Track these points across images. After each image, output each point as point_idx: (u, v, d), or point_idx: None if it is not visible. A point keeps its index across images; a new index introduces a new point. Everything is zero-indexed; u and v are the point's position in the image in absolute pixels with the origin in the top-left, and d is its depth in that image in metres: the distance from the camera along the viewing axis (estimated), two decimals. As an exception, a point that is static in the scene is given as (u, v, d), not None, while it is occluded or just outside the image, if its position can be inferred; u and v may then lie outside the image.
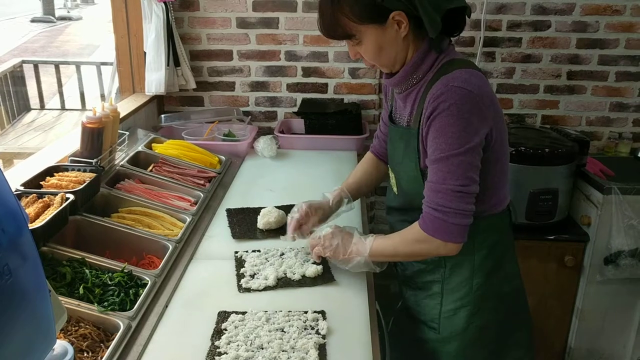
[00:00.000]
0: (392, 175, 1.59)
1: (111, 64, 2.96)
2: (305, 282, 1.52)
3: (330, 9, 1.32)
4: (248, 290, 1.48)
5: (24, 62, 7.54)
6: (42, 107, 7.66)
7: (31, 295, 0.83)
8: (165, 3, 2.59)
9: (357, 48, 1.38)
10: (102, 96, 6.23)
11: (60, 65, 7.61)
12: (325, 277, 1.54)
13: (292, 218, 1.62)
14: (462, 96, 1.26)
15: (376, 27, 1.31)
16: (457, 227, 1.31)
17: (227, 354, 1.22)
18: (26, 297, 0.82)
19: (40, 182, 1.70)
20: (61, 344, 1.04)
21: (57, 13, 18.09)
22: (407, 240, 1.40)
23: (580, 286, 2.56)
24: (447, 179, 1.29)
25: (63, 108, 7.62)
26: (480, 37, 2.76)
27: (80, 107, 7.32)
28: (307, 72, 2.89)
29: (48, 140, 5.99)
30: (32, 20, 17.35)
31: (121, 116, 2.32)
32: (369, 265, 1.46)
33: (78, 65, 7.51)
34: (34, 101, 7.65)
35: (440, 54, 1.36)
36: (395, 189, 1.58)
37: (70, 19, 18.33)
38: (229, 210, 1.97)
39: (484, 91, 1.29)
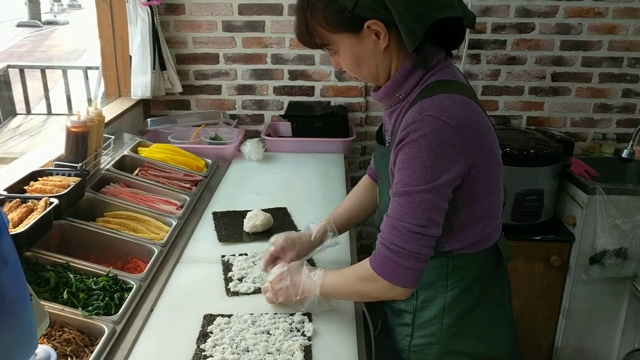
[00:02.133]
0: (378, 191, 1.51)
1: (97, 68, 2.94)
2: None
3: (304, 17, 1.22)
4: (237, 293, 1.48)
5: (9, 66, 7.47)
6: (29, 112, 7.59)
7: (12, 300, 0.83)
8: (150, 7, 2.59)
9: (336, 58, 1.29)
10: (89, 100, 6.19)
11: (47, 70, 7.55)
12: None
13: (267, 250, 1.53)
14: (435, 127, 1.12)
15: (351, 36, 1.19)
16: (409, 271, 1.17)
17: (212, 357, 1.22)
18: (6, 302, 0.81)
19: (24, 187, 1.68)
20: (44, 349, 1.04)
21: (44, 17, 17.97)
22: (354, 277, 1.28)
23: (567, 286, 2.58)
24: (406, 217, 1.16)
25: (49, 113, 7.56)
26: (465, 40, 2.77)
27: (67, 112, 7.26)
28: (293, 75, 2.89)
29: (34, 146, 5.95)
30: (19, 25, 17.22)
31: (107, 120, 2.32)
32: (324, 304, 1.35)
33: (64, 70, 7.45)
34: (20, 106, 7.58)
35: (428, 71, 1.22)
36: (379, 207, 1.48)
37: (57, 23, 18.21)
38: (215, 214, 1.96)
39: (465, 122, 1.14)
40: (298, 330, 1.32)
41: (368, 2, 1.13)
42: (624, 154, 2.54)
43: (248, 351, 1.24)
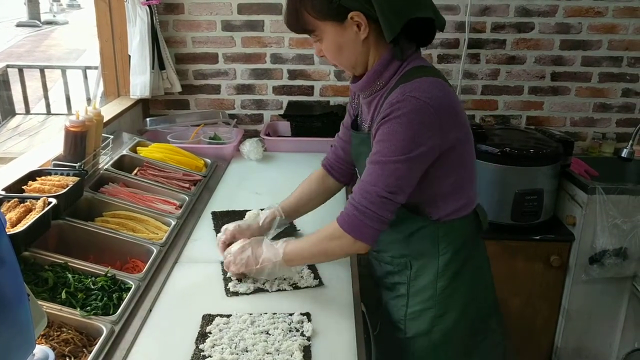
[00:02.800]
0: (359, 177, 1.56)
1: (96, 68, 2.94)
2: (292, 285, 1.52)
3: (293, 3, 1.34)
4: (236, 294, 1.48)
5: (8, 66, 7.47)
6: (28, 111, 7.60)
7: (9, 300, 0.83)
8: (149, 6, 2.58)
9: (319, 45, 1.39)
10: (89, 100, 6.19)
11: (46, 70, 7.55)
12: (312, 281, 1.54)
13: (219, 238, 1.63)
14: (417, 106, 1.26)
15: (335, 25, 1.32)
16: (372, 229, 1.32)
17: (211, 357, 1.21)
18: (4, 302, 0.81)
19: (23, 187, 1.68)
20: (42, 349, 1.03)
21: (43, 17, 17.96)
22: (320, 237, 1.42)
23: (566, 286, 2.58)
24: (379, 183, 1.29)
25: (49, 113, 7.56)
26: (464, 39, 2.77)
27: (66, 112, 7.26)
28: (292, 74, 2.89)
29: (33, 146, 5.94)
30: (18, 25, 17.21)
31: (106, 120, 2.32)
32: (285, 270, 1.48)
33: (63, 70, 7.45)
34: (19, 106, 7.58)
35: (404, 61, 1.36)
36: None
37: (56, 23, 18.20)
38: (214, 213, 1.96)
39: (441, 102, 1.28)
40: (297, 330, 1.31)
41: None
42: (624, 154, 2.54)
43: (247, 351, 1.24)
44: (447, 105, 1.30)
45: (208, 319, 1.35)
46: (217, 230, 1.83)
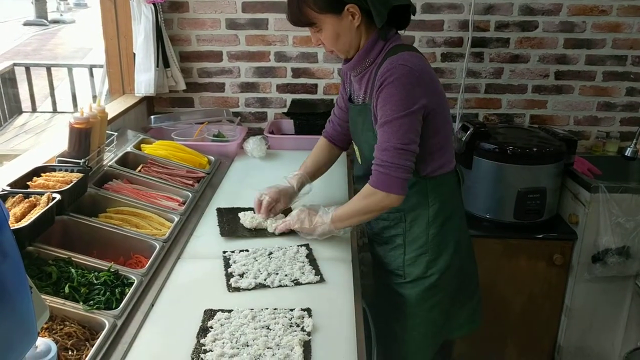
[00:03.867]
0: (356, 149, 1.85)
1: (102, 66, 2.96)
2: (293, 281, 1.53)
3: (296, 0, 1.58)
4: (237, 289, 1.49)
5: (15, 65, 7.52)
6: (34, 109, 7.64)
7: (11, 292, 0.84)
8: (154, 4, 2.60)
9: (318, 35, 1.63)
10: (95, 98, 6.22)
11: (52, 68, 7.59)
12: (314, 277, 1.55)
13: (264, 200, 1.84)
14: (405, 71, 1.52)
15: (333, 16, 1.57)
16: (398, 180, 1.55)
17: (212, 351, 1.22)
18: (6, 294, 0.82)
19: (27, 183, 1.70)
20: (44, 342, 1.04)
21: (50, 16, 18.05)
22: (357, 198, 1.65)
23: (569, 284, 2.58)
24: (391, 139, 1.53)
25: (55, 111, 7.60)
26: (468, 38, 2.77)
27: (72, 110, 7.29)
28: (296, 73, 2.90)
29: (39, 143, 5.97)
30: (25, 24, 17.29)
31: (111, 117, 2.33)
32: (332, 232, 1.72)
33: (70, 68, 7.49)
34: (25, 104, 7.62)
35: (387, 41, 1.63)
36: (359, 160, 1.85)
37: (63, 22, 18.29)
38: (219, 210, 1.97)
39: (423, 69, 1.56)
40: (298, 326, 1.32)
41: None
42: (628, 153, 2.54)
43: (247, 346, 1.25)
44: (427, 72, 1.58)
45: (210, 313, 1.37)
46: (221, 225, 1.85)
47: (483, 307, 1.94)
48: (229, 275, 1.55)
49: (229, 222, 1.88)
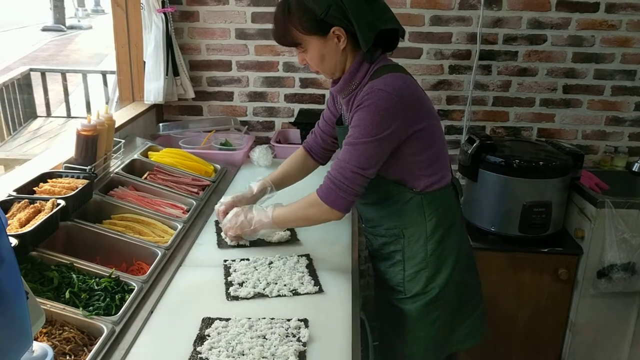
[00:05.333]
0: None
1: (114, 72, 3.00)
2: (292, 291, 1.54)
3: (282, 20, 1.58)
4: (236, 298, 1.50)
5: (31, 70, 7.63)
6: (49, 114, 7.74)
7: (7, 297, 0.85)
8: (165, 13, 2.63)
9: (303, 55, 1.63)
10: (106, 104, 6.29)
11: (67, 74, 7.69)
12: (312, 288, 1.56)
13: (218, 209, 1.84)
14: (382, 97, 1.51)
15: (319, 38, 1.56)
16: (344, 200, 1.56)
17: (208, 359, 1.23)
18: (2, 298, 0.84)
19: (34, 188, 1.72)
20: (41, 346, 1.06)
21: (68, 22, 18.29)
22: (303, 204, 1.66)
23: (574, 299, 2.56)
24: (351, 160, 1.54)
25: (69, 116, 7.70)
26: (476, 51, 2.78)
27: (85, 115, 7.36)
28: (304, 83, 2.92)
29: (50, 148, 6.03)
30: (43, 29, 17.54)
31: (120, 124, 2.37)
32: (274, 231, 1.77)
33: (84, 74, 7.59)
34: (40, 109, 7.72)
35: (372, 63, 1.61)
36: None
37: (80, 28, 18.53)
38: (217, 222, 1.98)
39: (405, 92, 1.54)
40: (294, 336, 1.33)
41: (335, 13, 1.52)
42: (635, 168, 2.53)
43: (243, 355, 1.25)
44: (409, 94, 1.56)
45: (207, 322, 1.38)
46: (218, 233, 1.87)
47: (487, 320, 1.92)
48: (228, 284, 1.56)
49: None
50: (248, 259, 1.69)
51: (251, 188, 1.90)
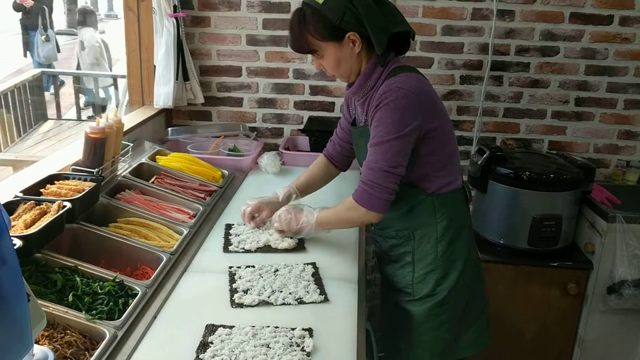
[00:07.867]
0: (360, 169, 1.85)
1: (125, 76, 3.01)
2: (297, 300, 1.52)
3: (298, 28, 1.62)
4: (241, 305, 1.48)
5: (43, 72, 7.68)
6: (59, 117, 7.78)
7: (8, 299, 0.84)
8: (176, 18, 2.64)
9: (320, 61, 1.68)
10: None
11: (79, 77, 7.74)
12: (318, 297, 1.54)
13: (245, 210, 1.91)
14: (400, 94, 1.56)
15: (335, 44, 1.61)
16: (380, 200, 1.60)
17: (210, 367, 1.22)
18: (3, 300, 0.83)
19: (41, 190, 1.72)
20: (42, 350, 1.05)
21: (81, 26, 18.39)
22: (341, 208, 1.71)
23: (583, 315, 2.52)
24: (379, 160, 1.58)
25: (79, 119, 7.73)
26: (488, 61, 2.76)
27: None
28: (314, 90, 2.91)
29: (58, 150, 6.05)
30: (57, 33, 17.63)
31: (129, 128, 2.36)
32: (318, 232, 1.80)
33: (95, 78, 7.63)
34: (51, 111, 7.76)
35: (386, 65, 1.66)
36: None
37: (93, 32, 18.61)
38: (228, 225, 1.97)
39: (421, 90, 1.59)
40: (298, 345, 1.31)
41: (349, 19, 1.57)
42: (647, 182, 2.49)
43: (246, 363, 1.24)
44: (425, 92, 1.61)
45: (211, 328, 1.36)
46: (226, 239, 1.86)
47: (494, 333, 1.92)
48: (233, 291, 1.54)
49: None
50: (253, 266, 1.68)
51: (277, 194, 1.94)
